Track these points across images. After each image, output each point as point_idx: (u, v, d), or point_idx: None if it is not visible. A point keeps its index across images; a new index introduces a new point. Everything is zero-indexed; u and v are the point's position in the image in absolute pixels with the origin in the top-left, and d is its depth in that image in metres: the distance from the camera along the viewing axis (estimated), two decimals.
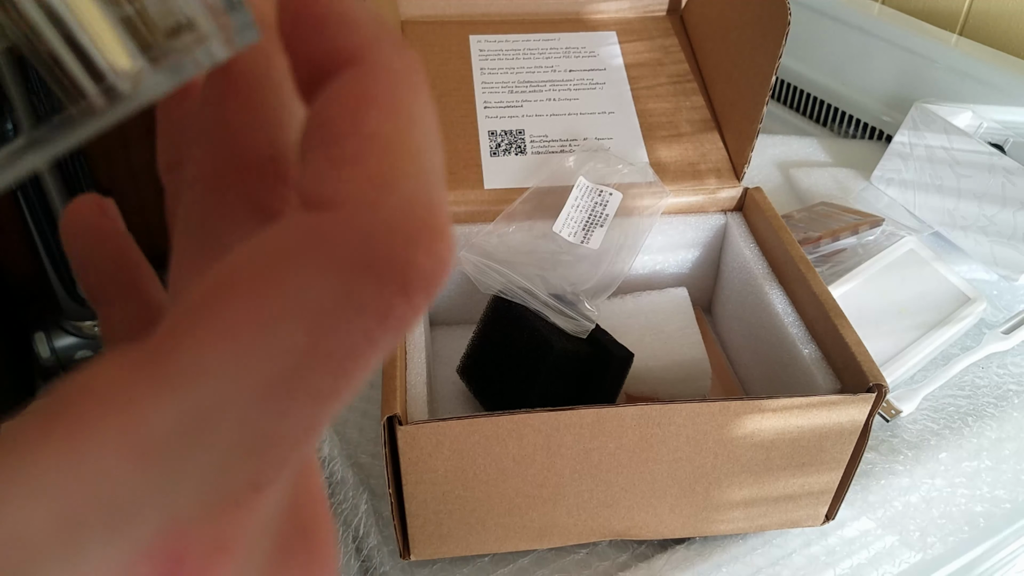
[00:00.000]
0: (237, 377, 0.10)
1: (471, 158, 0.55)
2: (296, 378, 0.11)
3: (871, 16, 0.83)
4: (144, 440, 0.10)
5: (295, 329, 0.11)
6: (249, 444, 0.11)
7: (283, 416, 0.11)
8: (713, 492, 0.43)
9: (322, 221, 0.11)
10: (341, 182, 0.11)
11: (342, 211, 0.11)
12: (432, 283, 0.11)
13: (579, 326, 0.47)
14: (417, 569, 0.46)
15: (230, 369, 0.10)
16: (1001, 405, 0.55)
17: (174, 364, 0.10)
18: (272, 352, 0.11)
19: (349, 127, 0.12)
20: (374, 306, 0.11)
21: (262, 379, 0.10)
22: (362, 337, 0.11)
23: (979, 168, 0.66)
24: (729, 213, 0.57)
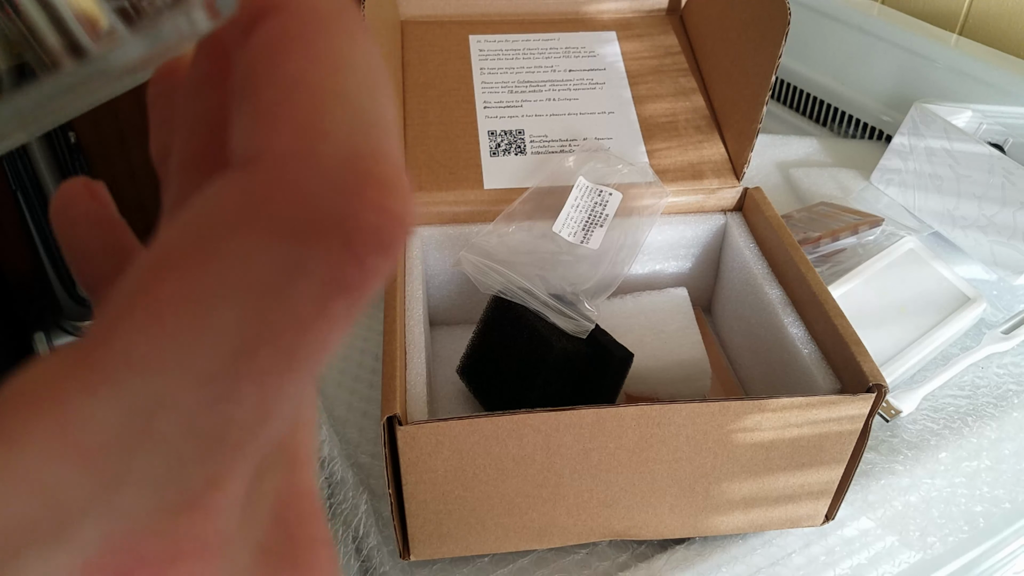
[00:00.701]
0: (176, 365, 0.09)
1: (471, 158, 0.55)
2: (241, 360, 0.10)
3: (871, 16, 0.83)
4: (82, 441, 0.09)
5: (233, 306, 0.10)
6: (197, 436, 0.10)
7: (232, 402, 0.10)
8: (713, 492, 0.43)
9: (250, 180, 0.10)
10: (265, 135, 0.10)
11: (268, 166, 0.10)
12: (386, 240, 0.10)
13: (579, 326, 0.47)
14: (417, 569, 0.46)
15: (167, 357, 0.09)
16: (1001, 405, 0.55)
17: (108, 357, 0.09)
18: (210, 333, 0.10)
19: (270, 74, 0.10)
20: (319, 272, 0.10)
21: (203, 364, 0.10)
22: (311, 307, 0.10)
23: (979, 168, 0.66)
24: (729, 213, 0.57)
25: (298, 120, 0.10)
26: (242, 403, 0.10)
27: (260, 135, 0.10)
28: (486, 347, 0.50)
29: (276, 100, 0.10)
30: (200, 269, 0.10)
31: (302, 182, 0.10)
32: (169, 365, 0.09)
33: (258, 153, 0.10)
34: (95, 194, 0.17)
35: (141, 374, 0.09)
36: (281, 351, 0.10)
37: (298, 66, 0.10)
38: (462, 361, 0.52)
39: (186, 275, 0.10)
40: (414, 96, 0.58)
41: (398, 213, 0.10)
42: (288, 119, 0.10)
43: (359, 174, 0.10)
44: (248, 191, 0.10)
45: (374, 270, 0.10)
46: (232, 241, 0.10)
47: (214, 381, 0.10)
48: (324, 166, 0.10)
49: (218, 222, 0.10)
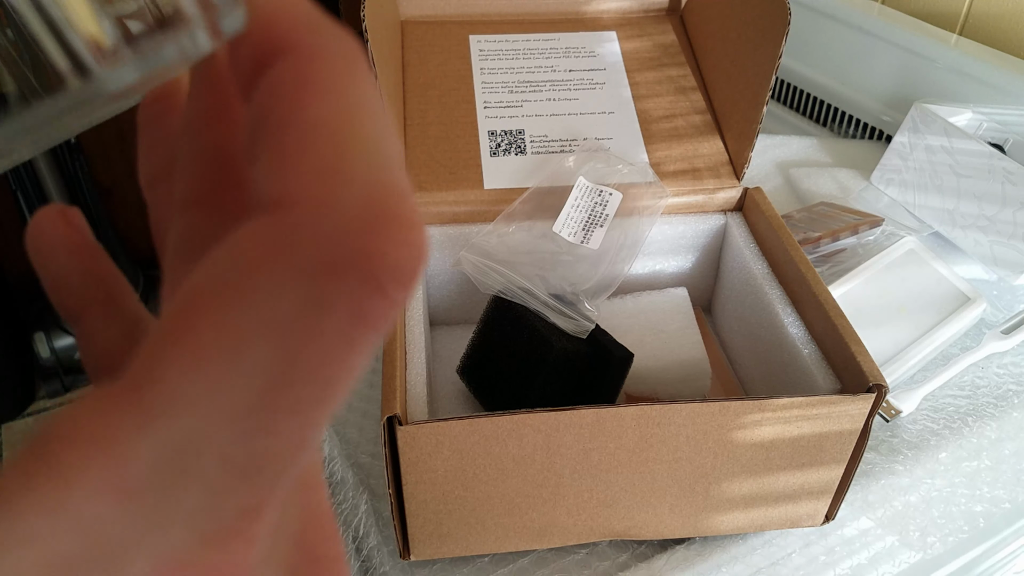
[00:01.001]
0: (213, 403, 0.10)
1: (471, 158, 0.55)
2: (275, 394, 0.10)
3: (871, 16, 0.83)
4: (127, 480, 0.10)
5: (265, 344, 0.10)
6: (237, 469, 0.10)
7: (268, 434, 0.10)
8: (713, 492, 0.43)
9: (276, 223, 0.10)
10: (289, 178, 0.10)
11: (295, 209, 0.10)
12: (407, 274, 0.10)
13: (579, 326, 0.47)
14: (417, 569, 0.46)
15: (205, 396, 0.10)
16: (1001, 405, 0.55)
17: (148, 398, 0.10)
18: (246, 372, 0.10)
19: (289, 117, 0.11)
20: (346, 307, 0.10)
21: (240, 401, 0.10)
22: (339, 341, 0.10)
23: (979, 168, 0.66)
24: (729, 213, 0.57)
25: (322, 164, 0.10)
26: (278, 436, 0.10)
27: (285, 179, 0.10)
28: (486, 347, 0.50)
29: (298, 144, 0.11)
30: (235, 310, 0.10)
31: (328, 224, 0.10)
32: (208, 403, 0.10)
33: (284, 196, 0.10)
34: (70, 221, 0.17)
35: (183, 413, 0.10)
36: (314, 383, 0.10)
37: (317, 110, 0.11)
38: (462, 361, 0.52)
39: (221, 316, 0.10)
40: (414, 96, 0.58)
41: (417, 246, 0.11)
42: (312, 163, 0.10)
43: (381, 213, 0.10)
44: (277, 234, 0.10)
45: (397, 301, 0.11)
46: (260, 283, 0.10)
47: (250, 417, 0.10)
48: (348, 207, 0.10)
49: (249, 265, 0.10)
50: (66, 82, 0.12)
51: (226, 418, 0.10)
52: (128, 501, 0.10)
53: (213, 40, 0.12)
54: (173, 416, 0.10)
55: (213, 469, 0.10)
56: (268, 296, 0.10)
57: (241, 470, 0.10)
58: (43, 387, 1.35)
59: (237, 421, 0.10)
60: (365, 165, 0.11)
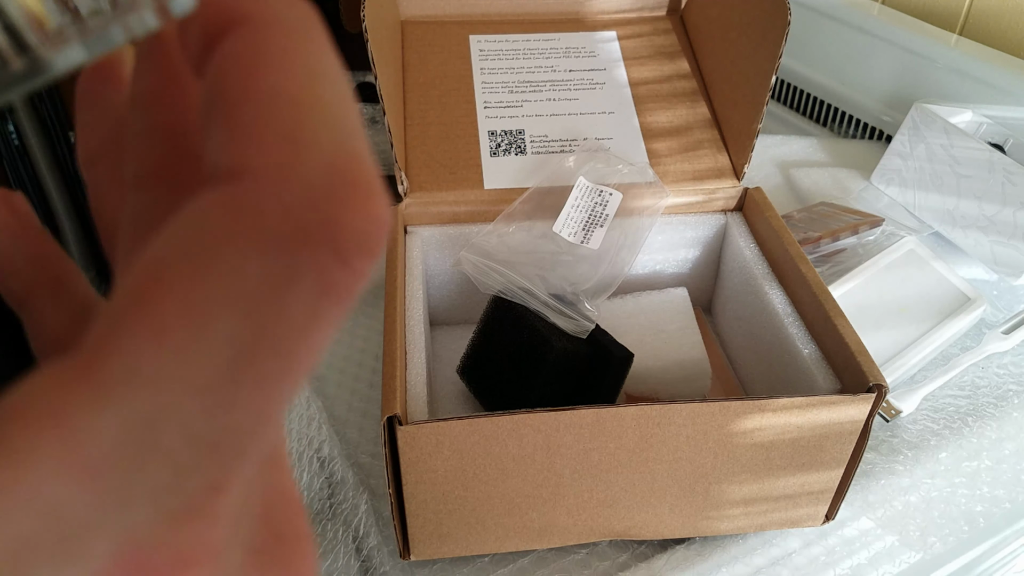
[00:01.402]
0: (176, 377, 0.10)
1: (471, 158, 0.55)
2: (239, 367, 0.10)
3: (871, 16, 0.83)
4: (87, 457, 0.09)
5: (230, 316, 0.10)
6: (201, 444, 0.10)
7: (233, 408, 0.10)
8: (713, 492, 0.43)
9: (238, 193, 0.10)
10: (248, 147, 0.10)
11: (257, 178, 0.10)
12: (370, 243, 0.10)
13: (579, 326, 0.47)
14: (417, 569, 0.46)
15: (168, 369, 0.10)
16: (1001, 405, 0.55)
17: (108, 372, 0.10)
18: (210, 345, 0.10)
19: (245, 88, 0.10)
20: (310, 278, 0.10)
21: (203, 374, 0.10)
22: (305, 312, 0.10)
23: (979, 168, 0.66)
24: (729, 213, 0.57)
25: (281, 132, 0.10)
26: (243, 410, 0.10)
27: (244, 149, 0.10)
28: (486, 347, 0.50)
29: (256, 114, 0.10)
30: (199, 281, 0.10)
31: (290, 192, 0.10)
32: (171, 377, 0.10)
33: (244, 166, 0.10)
34: (14, 207, 0.16)
35: (144, 387, 0.10)
36: (278, 356, 0.10)
37: (274, 78, 0.11)
38: (462, 361, 0.52)
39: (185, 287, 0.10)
40: (414, 96, 0.58)
41: (380, 215, 0.10)
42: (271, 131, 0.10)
43: (343, 181, 0.10)
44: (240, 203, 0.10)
45: (361, 272, 0.10)
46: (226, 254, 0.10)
47: (215, 390, 0.10)
48: (310, 175, 0.10)
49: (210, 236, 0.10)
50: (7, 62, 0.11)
51: (190, 391, 0.10)
52: (88, 480, 0.09)
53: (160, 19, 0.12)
54: (134, 390, 0.10)
55: (177, 445, 0.10)
56: (233, 267, 0.10)
57: (206, 445, 0.10)
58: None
59: (202, 395, 0.10)
60: (325, 132, 0.10)
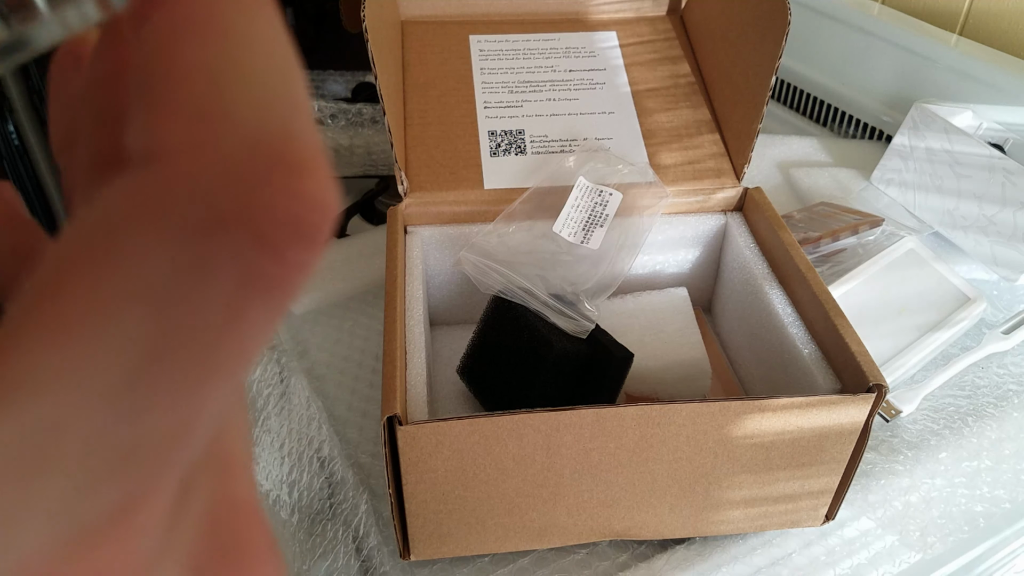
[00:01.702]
0: (77, 381, 0.09)
1: (471, 158, 0.55)
2: (150, 369, 0.09)
3: (871, 16, 0.83)
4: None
5: (136, 312, 0.09)
6: (107, 456, 0.09)
7: (143, 415, 0.09)
8: (713, 492, 0.43)
9: (147, 177, 0.09)
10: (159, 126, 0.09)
11: (167, 160, 0.09)
12: (305, 228, 0.09)
13: (579, 326, 0.47)
14: (417, 569, 0.46)
15: (67, 373, 0.09)
16: (1001, 405, 0.55)
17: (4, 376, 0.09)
18: (115, 345, 0.09)
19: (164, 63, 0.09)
20: (231, 270, 0.09)
21: (109, 379, 0.09)
22: (224, 307, 0.09)
23: (979, 168, 0.66)
24: (729, 213, 0.57)
25: (194, 106, 0.09)
26: (155, 417, 0.09)
27: (155, 127, 0.09)
28: (486, 347, 0.50)
29: (170, 88, 0.09)
30: (99, 276, 0.09)
31: (202, 172, 0.09)
32: (71, 380, 0.09)
33: (155, 146, 0.09)
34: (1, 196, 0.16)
35: (42, 392, 0.09)
36: (195, 357, 0.09)
37: (192, 50, 0.09)
38: (462, 361, 0.52)
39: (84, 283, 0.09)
40: (414, 96, 0.58)
41: (316, 197, 0.09)
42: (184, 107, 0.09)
43: (267, 158, 0.09)
44: (145, 188, 0.09)
45: (296, 263, 0.09)
46: (131, 243, 0.09)
47: (122, 394, 0.09)
48: (226, 153, 0.09)
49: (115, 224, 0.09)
50: None
51: (92, 399, 0.09)
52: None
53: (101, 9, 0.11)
54: (31, 395, 0.08)
55: (79, 457, 0.09)
56: (139, 259, 0.09)
57: (115, 456, 0.09)
58: None
59: (105, 402, 0.09)
60: (248, 107, 0.09)
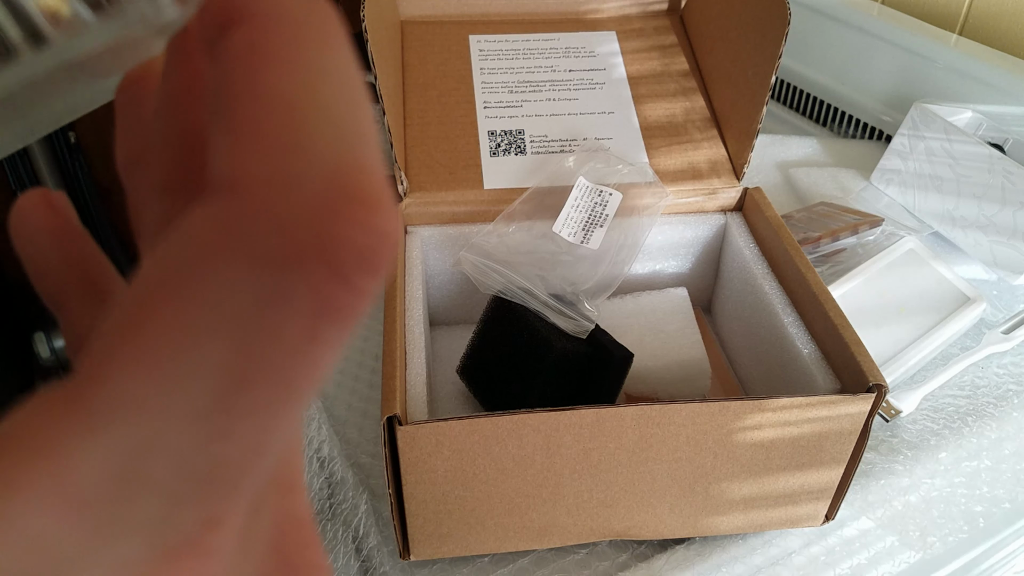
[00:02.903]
0: (166, 406, 0.09)
1: (471, 158, 0.55)
2: (232, 395, 0.09)
3: (871, 16, 0.83)
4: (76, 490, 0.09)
5: (220, 342, 0.09)
6: (193, 476, 0.10)
7: (225, 439, 0.10)
8: (713, 492, 0.43)
9: (228, 207, 0.09)
10: (240, 156, 0.09)
11: (248, 191, 0.09)
12: (373, 259, 0.09)
13: (579, 326, 0.47)
14: (417, 569, 0.46)
15: (156, 398, 0.09)
16: (1001, 405, 0.55)
17: (98, 401, 0.09)
18: (199, 372, 0.09)
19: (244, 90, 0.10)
20: (308, 299, 0.09)
21: (193, 402, 0.09)
22: (301, 336, 0.09)
23: (979, 168, 0.66)
24: (729, 213, 0.57)
25: (275, 139, 0.09)
26: (236, 439, 0.10)
27: (237, 157, 0.09)
28: (486, 347, 0.50)
29: (251, 118, 0.10)
30: (184, 305, 0.09)
31: (282, 205, 0.09)
32: (160, 406, 0.09)
33: (236, 176, 0.09)
34: (54, 206, 0.16)
35: (133, 417, 0.09)
36: (273, 383, 0.10)
37: (273, 80, 0.10)
38: (462, 361, 0.52)
39: (170, 312, 0.09)
40: (414, 96, 0.58)
41: (384, 230, 0.09)
42: (265, 138, 0.09)
43: (342, 192, 0.09)
44: (227, 218, 0.09)
45: (363, 291, 0.10)
46: (214, 273, 0.09)
47: (206, 419, 0.09)
48: (305, 186, 0.09)
49: (199, 254, 0.09)
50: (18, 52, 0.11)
51: (181, 421, 0.09)
52: (76, 513, 0.09)
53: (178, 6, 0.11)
54: (123, 420, 0.09)
55: (168, 477, 0.09)
56: (221, 289, 0.09)
57: (199, 477, 0.10)
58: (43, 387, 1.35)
59: (193, 424, 0.09)
60: (326, 140, 0.10)
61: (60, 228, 0.16)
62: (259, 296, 0.09)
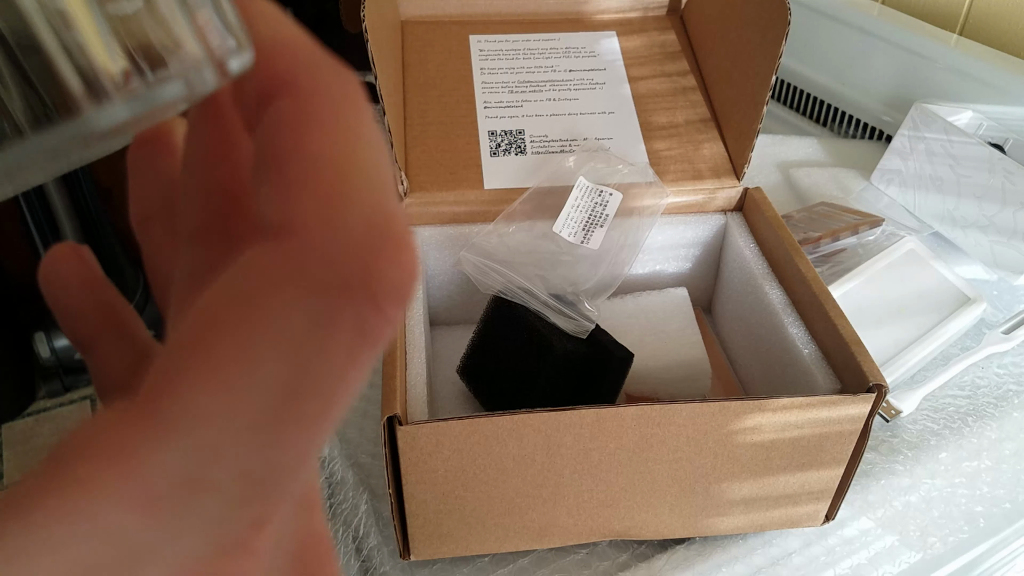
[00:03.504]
0: (230, 415, 0.10)
1: (471, 158, 0.55)
2: (286, 407, 0.11)
3: (871, 16, 0.83)
4: (147, 489, 0.10)
5: (278, 359, 0.11)
6: (247, 480, 0.11)
7: (277, 447, 0.11)
8: (713, 492, 0.43)
9: (285, 246, 0.11)
10: (295, 204, 0.11)
11: (303, 233, 0.11)
12: (402, 292, 0.11)
13: (579, 326, 0.47)
14: (417, 569, 0.46)
15: (221, 408, 0.10)
16: (1001, 405, 0.55)
17: (167, 410, 0.10)
18: (260, 386, 0.11)
19: (295, 150, 0.12)
20: (350, 324, 0.11)
21: (253, 413, 0.11)
22: (344, 357, 0.11)
23: (979, 168, 0.66)
24: (729, 213, 0.57)
25: (326, 191, 0.11)
26: (287, 448, 0.11)
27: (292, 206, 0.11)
28: (486, 347, 0.50)
29: (303, 174, 0.11)
30: (249, 327, 0.11)
31: (332, 244, 0.11)
32: (223, 415, 0.11)
33: (291, 222, 0.11)
34: (82, 257, 0.18)
35: (199, 425, 0.10)
36: (320, 398, 0.11)
37: (319, 142, 0.12)
38: (462, 361, 0.52)
39: (236, 333, 0.11)
40: (414, 96, 0.58)
41: (411, 266, 0.11)
42: (316, 190, 0.11)
43: (378, 234, 0.11)
44: (287, 256, 0.11)
45: (393, 319, 0.11)
46: (274, 301, 0.11)
47: (263, 428, 0.11)
48: (352, 230, 0.11)
49: (260, 285, 0.11)
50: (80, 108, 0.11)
51: (241, 429, 0.11)
52: (147, 510, 0.10)
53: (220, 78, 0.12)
54: (191, 428, 0.10)
55: (229, 480, 0.11)
56: (280, 314, 0.11)
57: (253, 481, 0.11)
58: (43, 387, 1.35)
59: (251, 432, 0.11)
60: (365, 191, 0.12)
61: (89, 276, 0.18)
62: (312, 320, 0.11)
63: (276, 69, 0.12)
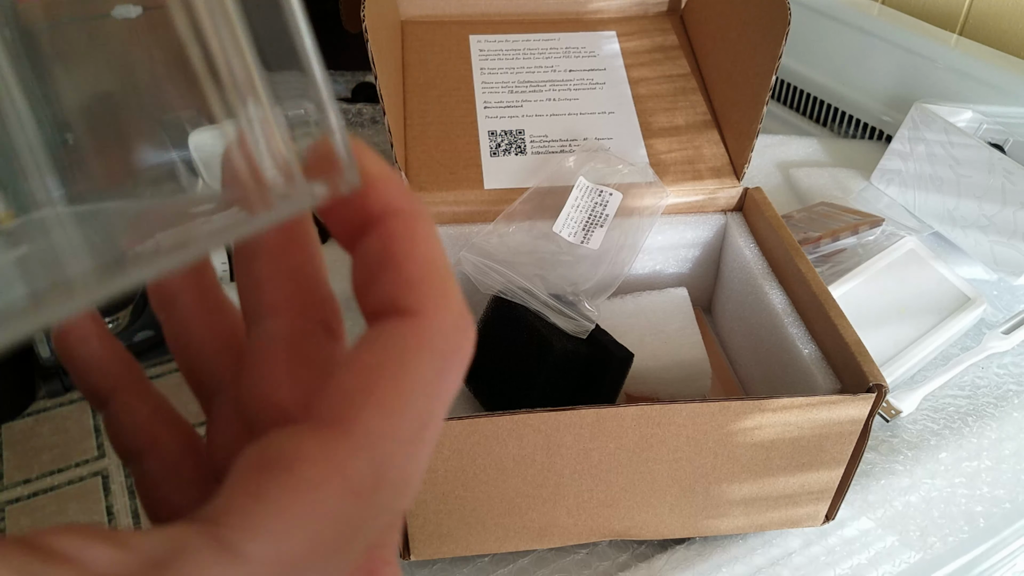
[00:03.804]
0: (393, 435, 0.14)
1: (471, 158, 0.55)
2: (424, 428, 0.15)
3: (871, 16, 0.83)
4: (355, 483, 0.14)
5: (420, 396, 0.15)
6: (400, 482, 0.14)
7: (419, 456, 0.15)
8: (713, 492, 0.43)
9: (418, 324, 0.15)
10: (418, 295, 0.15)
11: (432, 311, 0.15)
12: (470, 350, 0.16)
13: (579, 326, 0.47)
14: (417, 569, 0.46)
15: (389, 430, 0.14)
16: (1001, 405, 0.55)
17: (358, 433, 0.14)
18: (411, 414, 0.15)
19: (408, 256, 0.15)
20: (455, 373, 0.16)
21: (408, 433, 0.14)
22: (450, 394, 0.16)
23: (979, 168, 0.66)
24: (729, 213, 0.57)
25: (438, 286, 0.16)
26: (423, 457, 0.15)
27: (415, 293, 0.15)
28: (486, 347, 0.50)
29: (420, 274, 0.15)
30: (401, 376, 0.15)
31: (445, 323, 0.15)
32: (391, 435, 0.14)
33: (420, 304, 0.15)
34: (94, 316, 0.20)
35: (378, 442, 0.14)
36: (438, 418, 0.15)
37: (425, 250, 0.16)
38: None
39: (393, 380, 0.15)
40: (414, 96, 0.58)
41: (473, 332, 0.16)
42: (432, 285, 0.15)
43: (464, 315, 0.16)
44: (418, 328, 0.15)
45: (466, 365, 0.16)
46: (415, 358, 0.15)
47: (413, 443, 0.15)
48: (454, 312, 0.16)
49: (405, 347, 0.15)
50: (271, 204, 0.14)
51: (401, 444, 0.14)
52: (357, 498, 0.14)
53: (331, 195, 0.15)
54: (373, 444, 0.14)
55: (394, 479, 0.14)
56: (419, 367, 0.15)
57: (402, 482, 0.15)
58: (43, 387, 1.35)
59: (407, 446, 0.15)
60: (453, 283, 0.16)
61: (103, 330, 0.20)
62: (436, 370, 0.15)
63: (388, 196, 0.16)
